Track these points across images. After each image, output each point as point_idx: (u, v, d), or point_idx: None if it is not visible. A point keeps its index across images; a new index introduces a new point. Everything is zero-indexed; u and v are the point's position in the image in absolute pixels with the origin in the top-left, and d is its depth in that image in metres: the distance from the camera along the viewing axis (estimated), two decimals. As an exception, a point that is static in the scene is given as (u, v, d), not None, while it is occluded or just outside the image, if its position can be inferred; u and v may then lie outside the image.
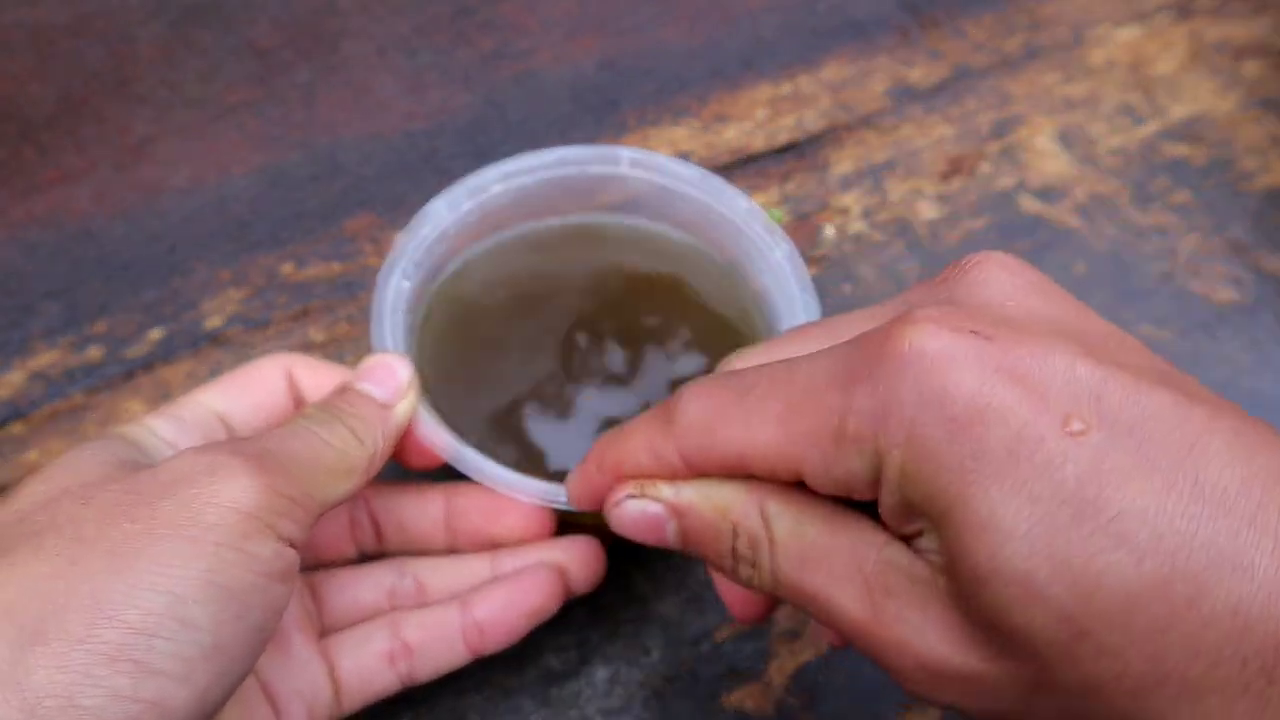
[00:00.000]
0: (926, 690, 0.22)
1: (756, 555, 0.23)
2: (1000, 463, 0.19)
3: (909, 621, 0.21)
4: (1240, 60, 0.56)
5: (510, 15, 0.55)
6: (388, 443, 0.30)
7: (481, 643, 0.32)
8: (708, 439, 0.23)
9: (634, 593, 0.38)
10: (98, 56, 0.52)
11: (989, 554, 0.19)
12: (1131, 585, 0.19)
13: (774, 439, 0.22)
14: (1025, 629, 0.19)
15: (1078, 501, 0.19)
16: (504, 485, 0.31)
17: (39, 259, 0.45)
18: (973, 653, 0.21)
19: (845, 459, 0.21)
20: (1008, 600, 0.19)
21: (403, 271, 0.35)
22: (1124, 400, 0.20)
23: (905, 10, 0.57)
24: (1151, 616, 0.18)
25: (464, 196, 0.36)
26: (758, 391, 0.23)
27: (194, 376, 0.42)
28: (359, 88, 0.52)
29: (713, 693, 0.36)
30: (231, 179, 0.48)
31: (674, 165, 0.37)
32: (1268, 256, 0.49)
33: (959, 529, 0.20)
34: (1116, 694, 0.19)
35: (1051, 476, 0.19)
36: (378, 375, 0.31)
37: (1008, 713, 0.21)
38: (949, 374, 0.20)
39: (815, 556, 0.22)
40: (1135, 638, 0.19)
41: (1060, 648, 0.19)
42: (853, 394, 0.21)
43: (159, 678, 0.22)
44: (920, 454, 0.20)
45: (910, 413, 0.20)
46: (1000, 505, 0.19)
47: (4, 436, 0.40)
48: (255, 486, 0.24)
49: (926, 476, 0.20)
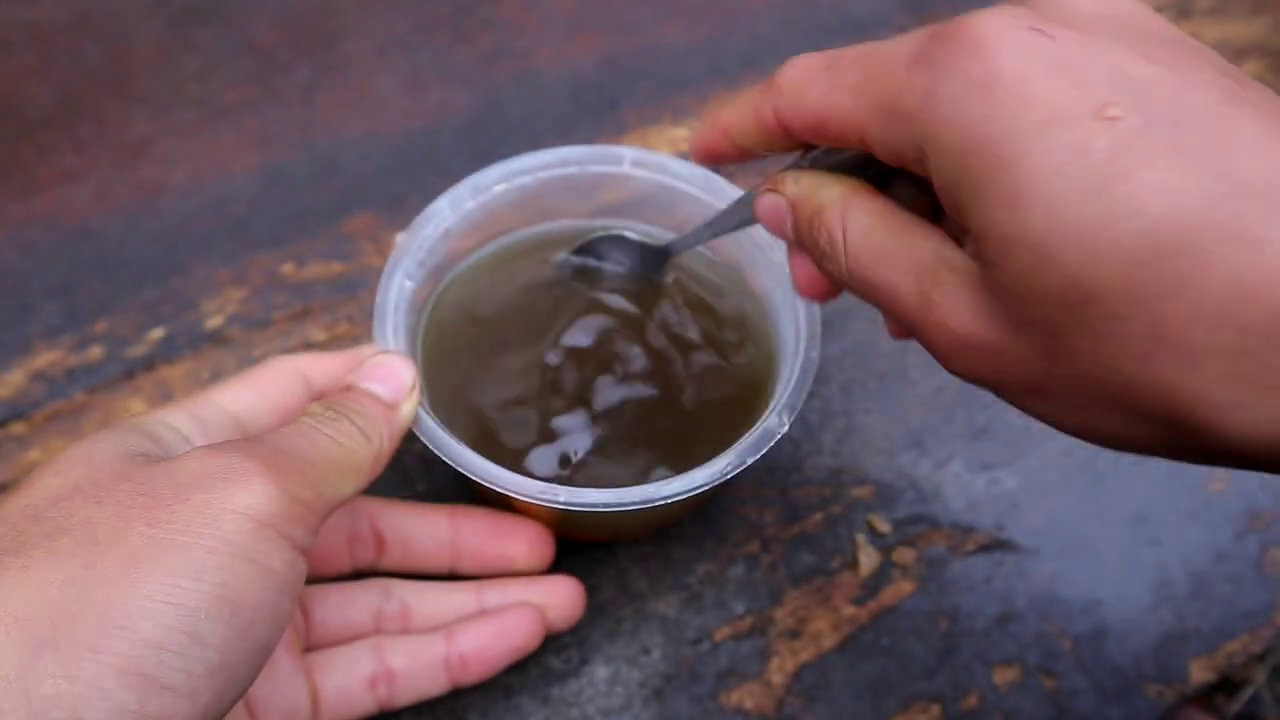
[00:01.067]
0: (961, 365, 0.24)
1: (834, 248, 0.26)
2: (1031, 140, 0.20)
3: (949, 304, 0.23)
4: (1239, 60, 0.56)
5: (510, 14, 0.55)
6: (392, 442, 0.30)
7: (463, 674, 0.33)
8: (797, 99, 0.26)
9: (633, 592, 0.38)
10: (97, 56, 0.52)
11: (1010, 222, 0.21)
12: (1140, 253, 0.19)
13: (846, 106, 0.25)
14: (1040, 295, 0.21)
15: (1102, 174, 0.20)
16: (501, 484, 0.31)
17: (39, 258, 0.45)
18: (999, 327, 0.22)
19: (897, 132, 0.23)
20: (1026, 268, 0.21)
21: (405, 271, 0.35)
22: (1168, 95, 0.20)
23: (905, 8, 0.57)
24: (1157, 282, 0.19)
25: (466, 195, 0.36)
26: (842, 63, 0.25)
27: (194, 376, 0.42)
28: (358, 87, 0.52)
29: (712, 692, 0.36)
30: (231, 178, 0.48)
31: (675, 165, 0.37)
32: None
33: (985, 204, 0.21)
34: (1123, 357, 0.20)
35: (1079, 152, 0.20)
36: (382, 375, 0.31)
37: (1030, 383, 0.23)
38: (998, 59, 0.21)
39: (881, 256, 0.25)
40: (1139, 302, 0.20)
41: (1071, 314, 0.21)
42: (913, 72, 0.23)
43: (166, 694, 0.22)
44: (958, 131, 0.21)
45: (955, 91, 0.22)
46: (1026, 178, 0.20)
47: (4, 436, 0.40)
48: (271, 493, 0.24)
49: (961, 152, 0.21)
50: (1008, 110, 0.21)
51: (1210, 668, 0.38)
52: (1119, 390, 0.21)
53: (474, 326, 0.37)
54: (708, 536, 0.39)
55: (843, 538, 0.39)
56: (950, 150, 0.22)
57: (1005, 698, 0.37)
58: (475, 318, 0.37)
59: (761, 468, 0.41)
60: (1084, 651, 0.38)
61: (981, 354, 0.23)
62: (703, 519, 0.39)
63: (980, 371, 0.24)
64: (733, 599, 0.38)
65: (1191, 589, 0.40)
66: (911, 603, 0.38)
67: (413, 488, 0.39)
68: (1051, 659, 0.38)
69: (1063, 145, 0.20)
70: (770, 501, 0.40)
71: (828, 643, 0.37)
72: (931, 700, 0.36)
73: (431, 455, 0.32)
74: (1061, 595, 0.39)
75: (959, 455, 0.42)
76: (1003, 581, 0.39)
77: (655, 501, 0.30)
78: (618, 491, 0.31)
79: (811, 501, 0.40)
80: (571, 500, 0.30)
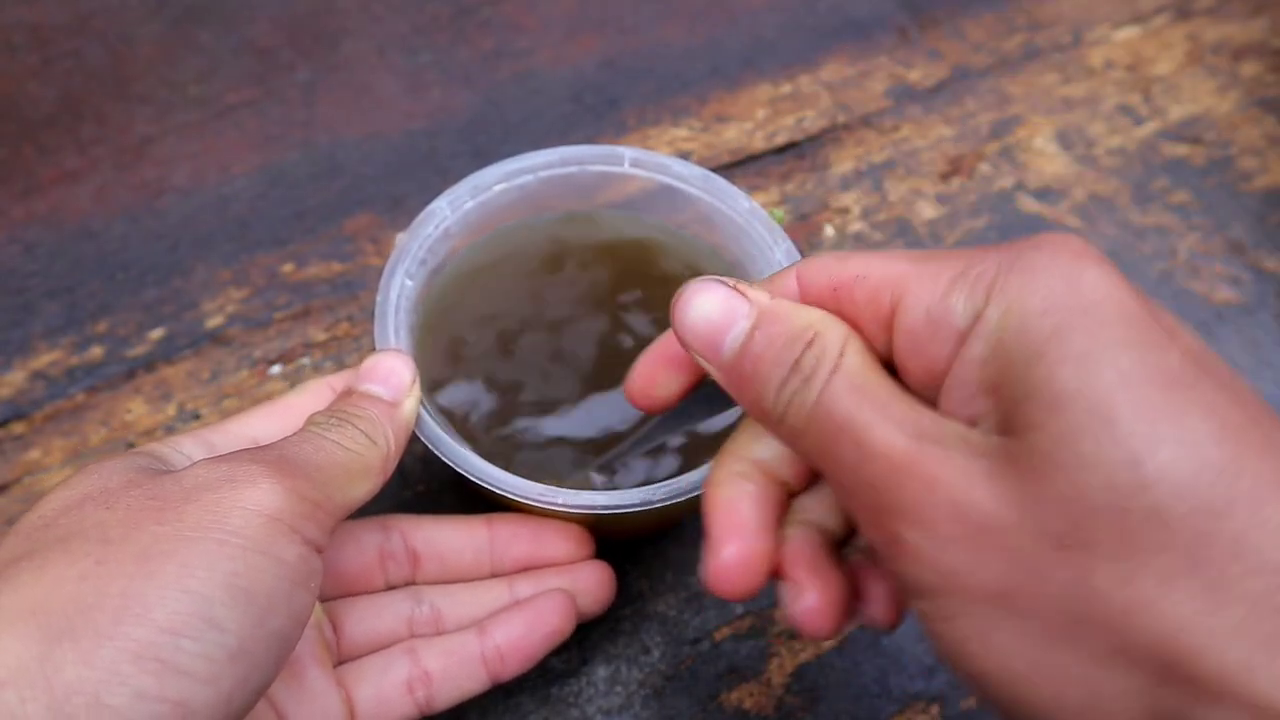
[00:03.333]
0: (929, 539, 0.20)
1: (818, 369, 0.22)
2: (1117, 338, 0.20)
3: (951, 462, 0.20)
4: (1239, 61, 0.56)
5: (510, 15, 0.55)
6: (398, 441, 0.30)
7: (502, 668, 0.32)
8: (835, 262, 0.24)
9: (633, 592, 0.38)
10: (98, 56, 0.52)
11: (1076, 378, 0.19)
12: (1206, 456, 0.18)
13: (899, 268, 0.23)
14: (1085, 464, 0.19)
15: (1177, 380, 0.19)
16: (499, 485, 0.31)
17: (39, 259, 0.45)
18: (1007, 501, 0.19)
19: (955, 294, 0.22)
20: (1079, 427, 0.19)
21: (406, 270, 0.35)
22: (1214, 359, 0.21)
23: (905, 10, 0.57)
24: (1213, 495, 0.18)
25: (467, 195, 0.37)
26: (895, 251, 0.24)
27: (195, 376, 0.42)
28: (359, 87, 0.52)
29: (712, 692, 0.36)
30: (232, 179, 0.48)
31: (676, 165, 0.37)
32: (1267, 256, 0.49)
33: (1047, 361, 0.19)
34: (1146, 570, 0.18)
35: (1158, 358, 0.19)
36: (380, 374, 0.31)
37: (1003, 588, 0.20)
38: (1085, 263, 0.21)
39: (872, 393, 0.22)
40: (1191, 512, 0.18)
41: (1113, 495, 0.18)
42: (988, 251, 0.22)
43: (184, 678, 0.22)
44: (1039, 291, 0.20)
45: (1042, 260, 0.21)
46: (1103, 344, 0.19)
47: (5, 436, 0.40)
48: (277, 490, 0.25)
49: (1035, 312, 0.20)
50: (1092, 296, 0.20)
51: (1210, 668, 0.38)
52: (1117, 614, 0.19)
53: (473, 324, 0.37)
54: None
55: (842, 538, 0.39)
56: (1022, 311, 0.20)
57: (1005, 697, 0.37)
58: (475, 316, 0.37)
59: (761, 468, 0.41)
60: (1083, 651, 0.38)
61: (964, 530, 0.20)
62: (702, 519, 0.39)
63: (949, 556, 0.20)
64: (733, 599, 0.38)
65: (1191, 589, 0.39)
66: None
67: (413, 488, 0.39)
68: (1051, 659, 0.38)
69: (1144, 341, 0.19)
70: (770, 501, 0.40)
71: (827, 643, 0.37)
72: (931, 700, 0.36)
73: (432, 455, 0.32)
74: (1061, 595, 0.39)
75: (959, 455, 0.42)
76: (1002, 581, 0.39)
77: (654, 504, 0.30)
78: (617, 494, 0.31)
79: (811, 501, 0.40)
80: (570, 503, 0.30)
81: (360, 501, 0.28)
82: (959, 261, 0.22)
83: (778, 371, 0.23)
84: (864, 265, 0.23)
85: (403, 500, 0.39)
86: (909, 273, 0.22)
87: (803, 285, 0.24)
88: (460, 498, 0.39)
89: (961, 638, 0.20)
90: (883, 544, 0.21)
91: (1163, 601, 0.18)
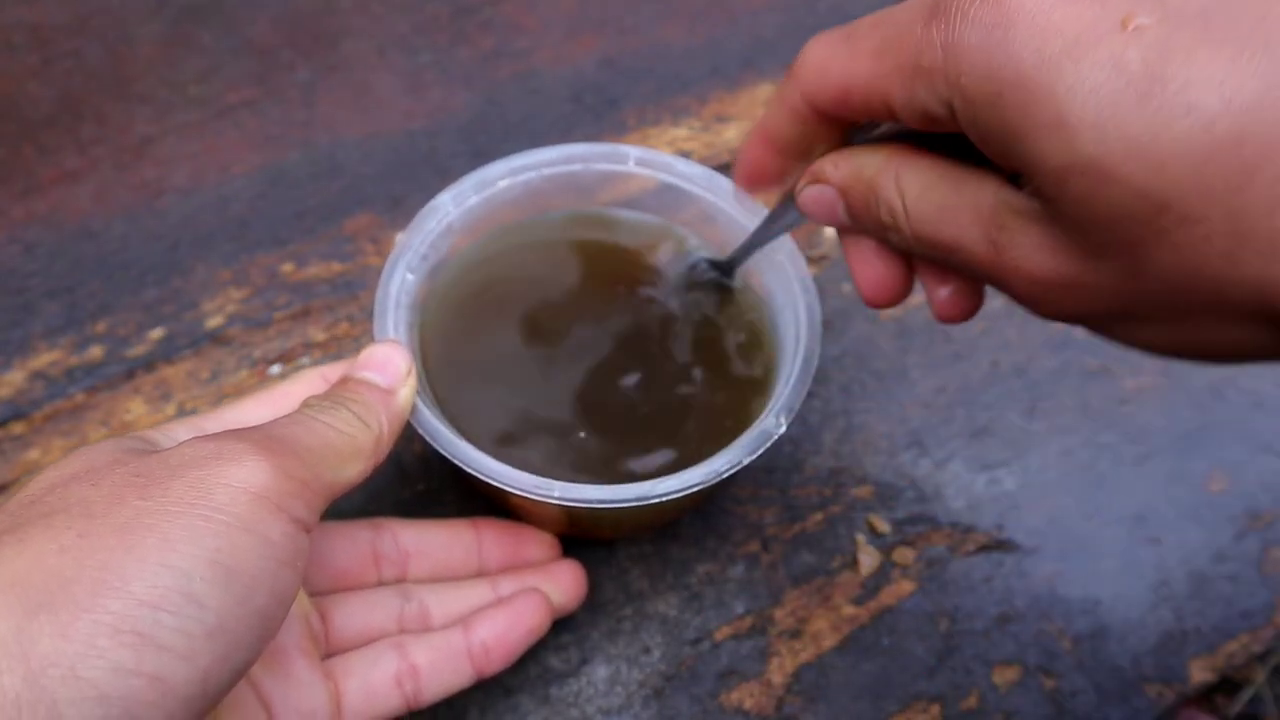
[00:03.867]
0: (1049, 307, 0.23)
1: (895, 220, 0.26)
2: (1061, 66, 0.20)
3: (1020, 248, 0.23)
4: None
5: (510, 14, 0.55)
6: (392, 427, 0.30)
7: (486, 663, 0.33)
8: (820, 77, 0.26)
9: (633, 592, 0.38)
10: (98, 56, 0.52)
11: (1060, 152, 0.20)
12: (1203, 149, 0.19)
13: (868, 73, 0.25)
14: (1109, 216, 0.20)
15: (1143, 82, 0.19)
16: (496, 477, 0.31)
17: (39, 259, 0.45)
18: (1075, 259, 0.22)
19: (923, 91, 0.23)
20: (1088, 191, 0.20)
21: (407, 265, 0.35)
22: None
23: (905, 10, 0.57)
24: (1227, 175, 0.19)
25: (470, 191, 0.37)
26: (859, 32, 0.25)
27: (194, 376, 0.42)
28: (359, 87, 0.52)
29: (712, 692, 0.36)
30: (231, 179, 0.48)
31: (679, 164, 0.37)
32: (1267, 256, 0.49)
33: (1030, 140, 0.21)
34: (1207, 260, 0.20)
35: (1114, 66, 0.20)
36: (376, 362, 0.31)
37: (1121, 310, 0.22)
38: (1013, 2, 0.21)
39: (944, 211, 0.25)
40: (1214, 199, 0.19)
41: (1145, 227, 0.20)
42: (928, 29, 0.23)
43: (162, 653, 0.22)
44: (984, 77, 0.21)
45: (974, 38, 0.21)
46: (1065, 104, 0.20)
47: (5, 436, 0.40)
48: (264, 468, 0.25)
49: (991, 97, 0.21)
50: (1031, 44, 0.20)
51: (1210, 668, 0.38)
52: (1211, 295, 0.20)
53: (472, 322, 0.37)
54: (708, 536, 0.39)
55: (843, 538, 0.39)
56: (980, 98, 0.22)
57: (1005, 698, 0.37)
58: (474, 313, 0.37)
59: (761, 468, 0.41)
60: (1084, 651, 0.38)
61: (1066, 290, 0.22)
62: (703, 519, 0.39)
63: (1069, 308, 0.23)
64: (733, 599, 0.38)
65: (1191, 589, 0.40)
66: (911, 602, 0.38)
67: (413, 488, 0.39)
68: (1051, 659, 0.38)
69: (1096, 64, 0.20)
70: (770, 501, 0.40)
71: (828, 643, 0.37)
72: (931, 700, 0.36)
73: (432, 455, 0.32)
74: (1061, 595, 0.39)
75: (959, 455, 0.42)
76: (1002, 581, 0.39)
77: (650, 499, 0.30)
78: (612, 489, 0.31)
79: (811, 501, 0.40)
80: (565, 496, 0.30)
81: (350, 483, 0.28)
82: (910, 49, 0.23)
83: (874, 223, 0.27)
84: (844, 76, 0.26)
85: (402, 499, 0.39)
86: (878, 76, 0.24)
87: (811, 103, 0.27)
88: (460, 496, 0.39)
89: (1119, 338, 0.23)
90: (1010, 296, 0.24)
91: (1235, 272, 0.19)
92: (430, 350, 0.36)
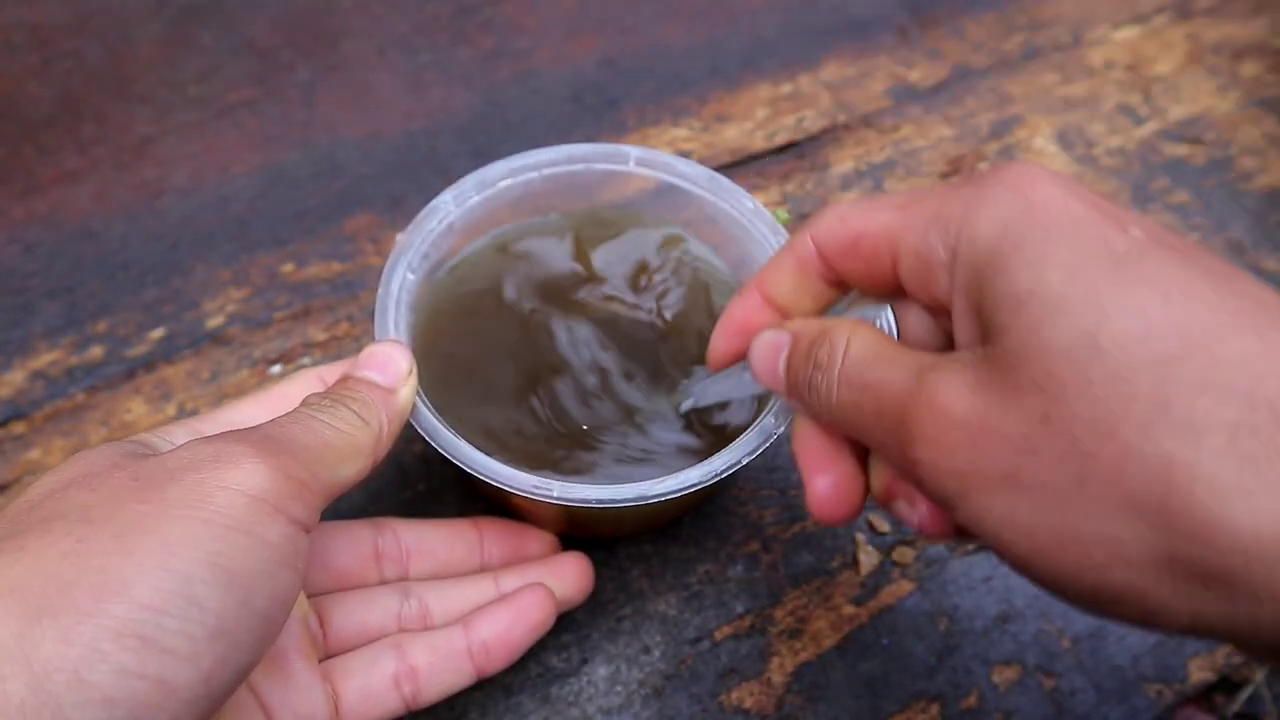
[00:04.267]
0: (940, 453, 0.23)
1: (832, 357, 0.26)
2: (1062, 227, 0.22)
3: (943, 381, 0.23)
4: (1239, 61, 0.56)
5: (510, 15, 0.55)
6: (392, 425, 0.30)
7: (487, 662, 0.32)
8: (839, 223, 0.28)
9: (633, 591, 0.38)
10: (98, 57, 0.52)
11: (1031, 280, 0.22)
12: (1153, 318, 0.20)
13: (887, 219, 0.26)
14: (1048, 348, 0.21)
15: (1122, 260, 0.21)
16: (495, 477, 0.31)
17: (39, 259, 0.45)
18: (993, 398, 0.22)
19: (936, 234, 0.25)
20: (1038, 319, 0.21)
21: (408, 264, 0.35)
22: (1176, 238, 0.23)
23: (905, 10, 0.57)
24: (1166, 347, 0.20)
25: (472, 190, 0.37)
26: (885, 198, 0.27)
27: (195, 376, 0.42)
28: (359, 87, 0.52)
29: (712, 691, 0.36)
30: (232, 179, 0.48)
31: (681, 165, 0.37)
32: (1267, 256, 0.49)
33: (1008, 272, 0.22)
34: (1122, 423, 0.20)
35: (1103, 241, 0.22)
36: (377, 362, 0.31)
37: (1008, 469, 0.22)
38: (1038, 184, 0.23)
39: (880, 359, 0.25)
40: (1147, 364, 0.20)
41: (1077, 369, 0.20)
42: (958, 189, 0.25)
43: (165, 656, 0.22)
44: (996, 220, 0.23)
45: (998, 193, 0.24)
46: (1052, 247, 0.22)
47: (5, 435, 0.40)
48: (262, 470, 0.25)
49: (994, 238, 0.23)
50: (1043, 210, 0.23)
51: (1209, 667, 0.38)
52: (1108, 469, 0.20)
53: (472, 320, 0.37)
54: (708, 536, 0.39)
55: (842, 537, 0.39)
56: (984, 237, 0.23)
57: (1005, 697, 0.37)
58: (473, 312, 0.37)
59: (761, 468, 0.41)
60: (1083, 651, 0.38)
61: (964, 434, 0.22)
62: (703, 518, 0.39)
63: (957, 459, 0.22)
64: (733, 599, 0.38)
65: (1191, 589, 0.40)
66: (911, 602, 0.38)
67: (413, 488, 0.39)
68: (1050, 658, 0.38)
69: (1089, 235, 0.22)
70: (770, 501, 0.40)
71: (828, 642, 0.37)
72: (931, 699, 0.36)
73: (432, 455, 0.32)
74: (1061, 595, 0.39)
75: (959, 455, 0.42)
76: (1002, 581, 0.39)
77: (649, 499, 0.30)
78: (611, 488, 0.31)
79: (811, 501, 0.40)
80: (564, 495, 0.30)
81: (350, 481, 0.28)
82: (935, 202, 0.25)
83: (805, 370, 0.27)
84: (861, 222, 0.27)
85: (403, 500, 0.39)
86: (895, 226, 0.26)
87: (819, 249, 0.28)
88: (461, 497, 0.39)
89: (994, 528, 0.22)
90: (909, 470, 0.24)
91: (1145, 448, 0.19)
92: (429, 349, 0.36)
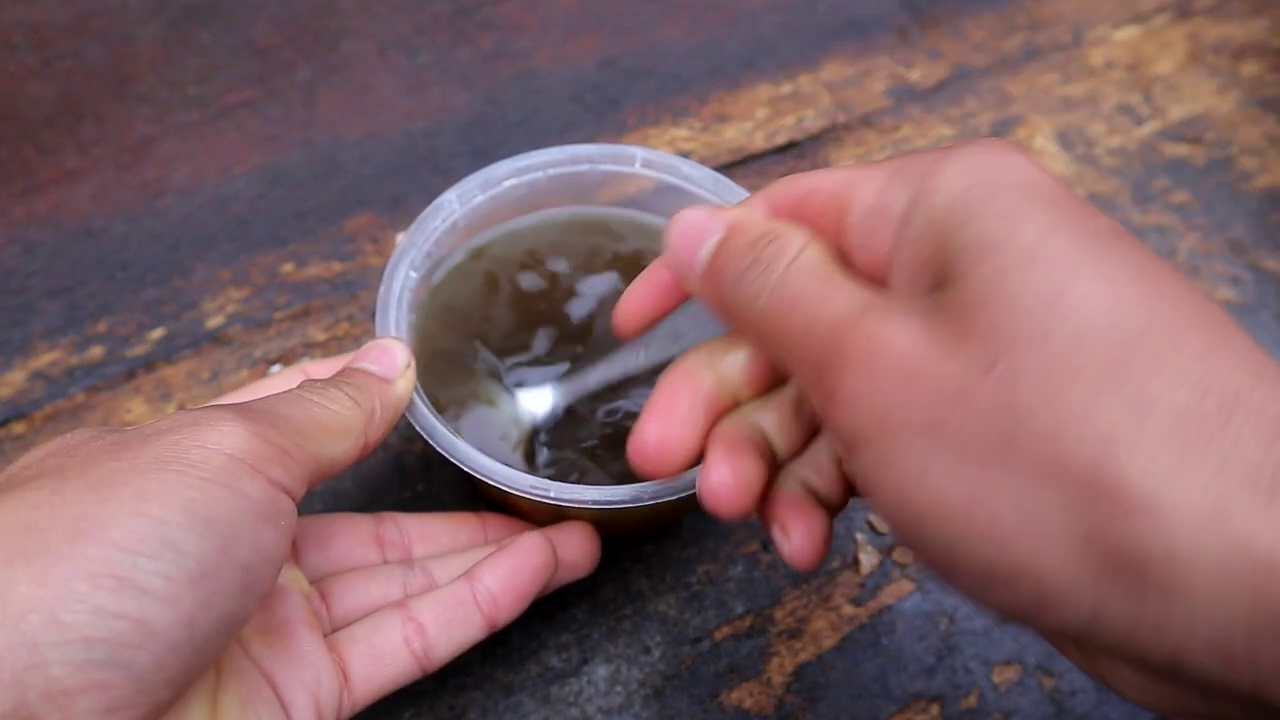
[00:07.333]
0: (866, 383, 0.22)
1: (777, 260, 0.24)
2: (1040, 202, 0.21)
3: (890, 319, 0.22)
4: (1239, 61, 0.56)
5: (510, 14, 0.55)
6: (386, 412, 0.30)
7: (495, 611, 0.32)
8: (790, 183, 0.27)
9: (633, 591, 0.38)
10: (99, 56, 0.52)
11: (1005, 228, 0.21)
12: (1122, 291, 0.20)
13: (842, 176, 0.25)
14: (1014, 295, 0.20)
15: (1095, 236, 0.21)
16: (492, 476, 0.31)
17: (39, 259, 0.45)
18: (937, 340, 0.21)
19: (893, 185, 0.24)
20: (1008, 265, 0.20)
21: (411, 262, 0.35)
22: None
23: (905, 10, 0.57)
24: (1132, 319, 0.19)
25: (476, 189, 0.37)
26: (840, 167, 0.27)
27: (195, 376, 0.42)
28: (359, 87, 0.52)
29: (712, 691, 0.36)
30: (232, 179, 0.48)
31: (686, 167, 0.37)
32: (1267, 256, 0.49)
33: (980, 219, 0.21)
34: (1071, 386, 0.19)
35: (1076, 221, 0.21)
36: (374, 355, 0.31)
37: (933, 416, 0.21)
38: (1012, 153, 0.23)
39: (827, 276, 0.24)
40: (1108, 331, 0.19)
41: (1035, 321, 0.20)
42: (921, 155, 0.24)
43: (143, 596, 0.22)
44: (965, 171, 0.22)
45: (969, 149, 0.23)
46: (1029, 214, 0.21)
47: (5, 436, 0.40)
48: (240, 432, 0.25)
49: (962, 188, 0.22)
50: (1019, 172, 0.22)
51: (1210, 667, 0.38)
52: (1045, 430, 0.19)
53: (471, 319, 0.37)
54: (708, 536, 0.39)
55: (843, 537, 0.39)
56: (950, 188, 0.22)
57: (1005, 697, 0.37)
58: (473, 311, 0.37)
59: (761, 467, 0.41)
60: (1084, 651, 0.38)
61: (898, 372, 0.21)
62: (703, 519, 0.39)
63: (881, 397, 0.21)
64: (733, 599, 0.38)
65: (1191, 589, 0.39)
66: (911, 602, 0.38)
67: (413, 488, 0.39)
68: (1051, 658, 0.38)
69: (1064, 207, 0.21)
70: (770, 501, 0.40)
71: (827, 642, 0.37)
72: (931, 700, 0.36)
73: (432, 455, 0.32)
74: (1061, 595, 0.39)
75: (959, 455, 0.42)
76: (1002, 581, 0.39)
77: (645, 500, 0.30)
78: (608, 489, 0.31)
79: (811, 501, 0.40)
80: (561, 496, 0.30)
81: (339, 461, 0.28)
82: (895, 163, 0.24)
83: (741, 263, 0.25)
84: (816, 180, 0.26)
85: (403, 500, 0.39)
86: (852, 179, 0.25)
87: (771, 207, 0.27)
88: (460, 497, 0.39)
89: (897, 481, 0.21)
90: (823, 397, 0.23)
91: (1090, 414, 0.19)
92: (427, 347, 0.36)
